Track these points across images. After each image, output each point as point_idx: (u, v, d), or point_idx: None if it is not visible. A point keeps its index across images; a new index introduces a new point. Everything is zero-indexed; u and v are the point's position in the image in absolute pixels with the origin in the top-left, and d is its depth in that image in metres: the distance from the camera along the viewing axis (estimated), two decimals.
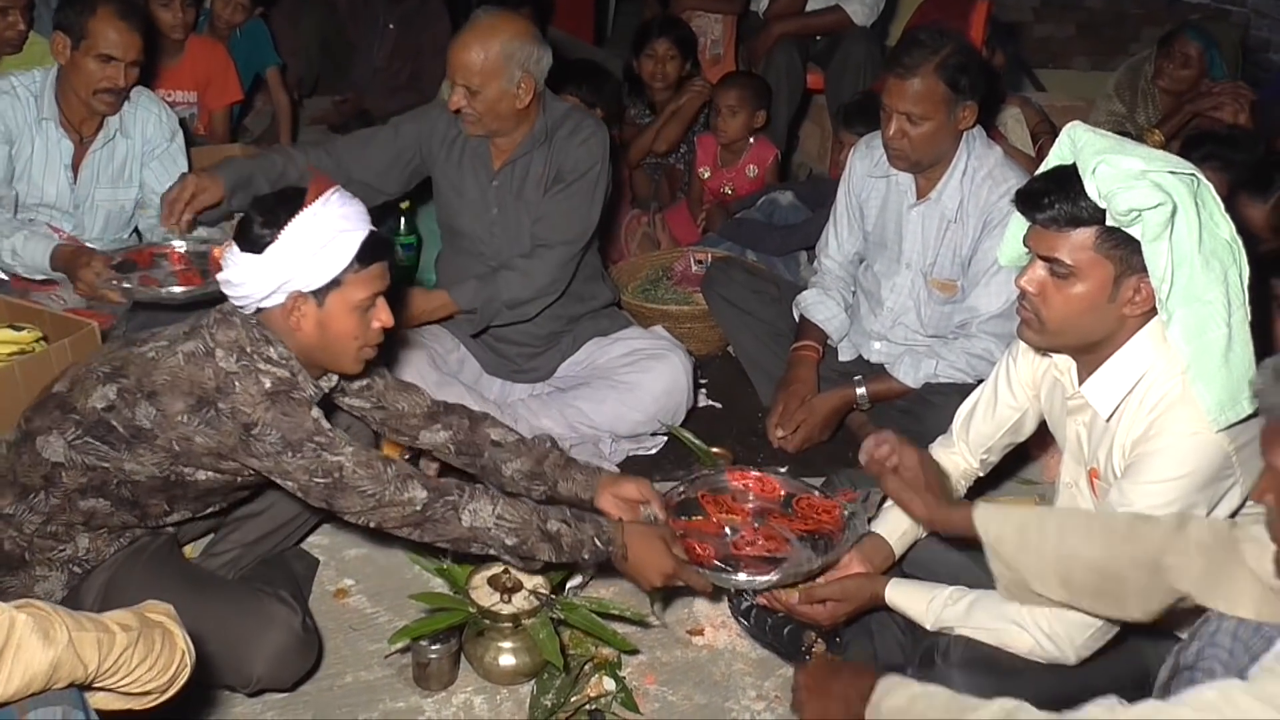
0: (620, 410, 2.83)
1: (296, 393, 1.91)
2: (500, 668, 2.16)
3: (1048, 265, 1.79)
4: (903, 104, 2.63)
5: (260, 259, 1.85)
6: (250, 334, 1.91)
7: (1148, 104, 4.21)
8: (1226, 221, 1.74)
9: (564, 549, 2.00)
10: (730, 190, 4.11)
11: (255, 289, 1.87)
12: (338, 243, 1.86)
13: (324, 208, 1.86)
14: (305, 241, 1.84)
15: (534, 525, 1.98)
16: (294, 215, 1.85)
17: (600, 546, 2.04)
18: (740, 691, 2.23)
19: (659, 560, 2.07)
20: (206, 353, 1.88)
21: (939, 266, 2.83)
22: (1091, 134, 1.77)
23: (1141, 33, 6.49)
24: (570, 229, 2.83)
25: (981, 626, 1.87)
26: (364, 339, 1.97)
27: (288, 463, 1.86)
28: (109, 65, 2.78)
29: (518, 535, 1.97)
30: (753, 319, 3.19)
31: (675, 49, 4.22)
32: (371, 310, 1.95)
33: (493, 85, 2.66)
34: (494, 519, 1.96)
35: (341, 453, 1.88)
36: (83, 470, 1.89)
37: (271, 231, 1.84)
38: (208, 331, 1.91)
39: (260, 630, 1.98)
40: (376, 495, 1.90)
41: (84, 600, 1.98)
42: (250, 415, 1.84)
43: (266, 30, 4.66)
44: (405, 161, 2.87)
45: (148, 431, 1.85)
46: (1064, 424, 2.00)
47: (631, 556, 2.06)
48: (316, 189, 1.89)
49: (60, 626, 1.27)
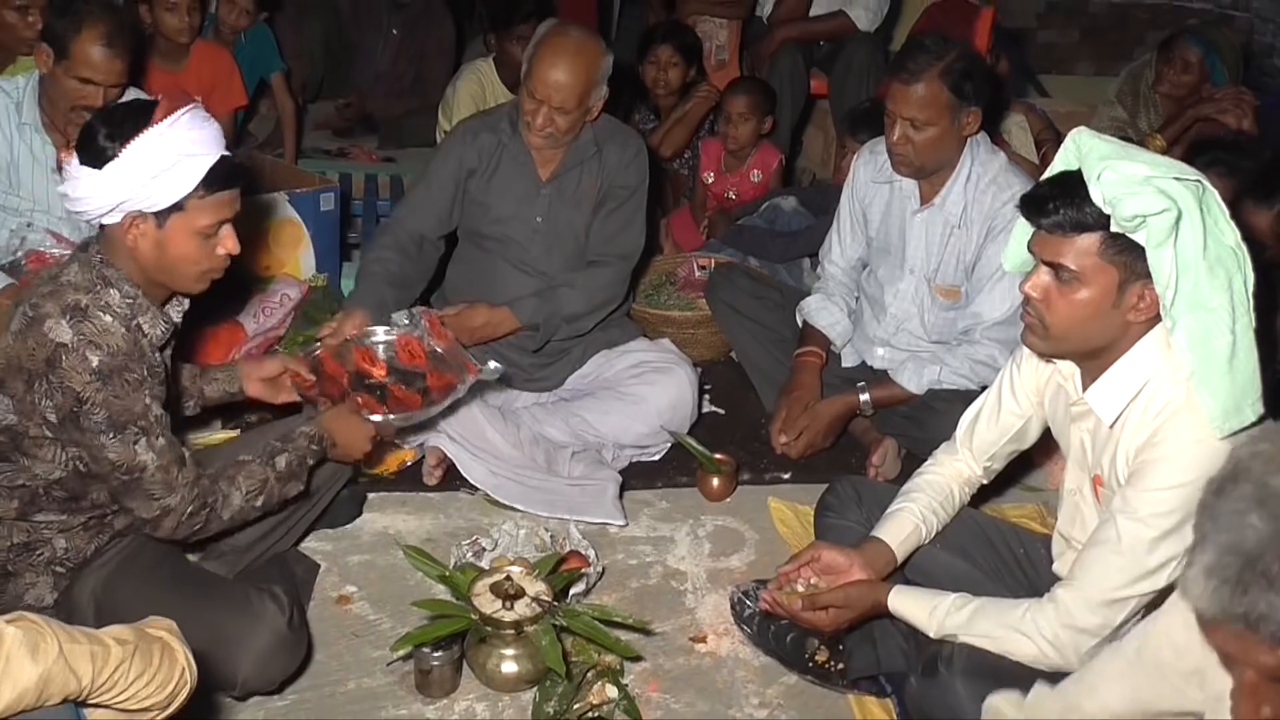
0: (625, 422, 2.83)
1: (130, 369, 1.84)
2: (503, 675, 2.15)
3: (1052, 271, 1.78)
4: (907, 109, 2.62)
5: (99, 174, 1.79)
6: (89, 277, 1.86)
7: (1149, 109, 4.21)
8: (1231, 228, 1.74)
9: (297, 470, 2.11)
10: (734, 195, 4.11)
11: (92, 205, 1.82)
12: (182, 166, 1.81)
13: (170, 128, 1.80)
14: (147, 162, 1.78)
15: (269, 479, 2.06)
16: (139, 132, 1.78)
17: (316, 447, 2.16)
18: (743, 699, 2.22)
19: (358, 429, 2.23)
20: (36, 321, 1.80)
21: (943, 272, 2.82)
22: (1096, 140, 1.76)
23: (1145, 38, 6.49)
24: (627, 244, 2.94)
25: (985, 634, 1.86)
26: (206, 264, 1.93)
27: (106, 444, 1.83)
28: (87, 86, 2.73)
29: (263, 495, 2.05)
30: (756, 325, 3.18)
31: (678, 55, 4.22)
32: (215, 237, 1.91)
33: (582, 105, 2.70)
34: (243, 499, 2.02)
35: (153, 450, 1.87)
36: (8, 494, 1.89)
37: (113, 146, 1.78)
38: (39, 297, 1.83)
39: (247, 628, 1.96)
40: (160, 502, 1.91)
41: (79, 601, 1.98)
42: (80, 393, 1.79)
43: (271, 35, 4.66)
44: (452, 197, 2.89)
45: (17, 426, 1.83)
46: (1068, 430, 1.99)
47: (339, 438, 2.20)
48: (167, 105, 1.80)
49: (51, 639, 1.25)
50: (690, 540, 2.71)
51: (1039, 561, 2.16)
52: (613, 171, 2.86)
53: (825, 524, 2.32)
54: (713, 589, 2.53)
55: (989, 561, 2.19)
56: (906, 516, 2.12)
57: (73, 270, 1.88)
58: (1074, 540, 2.00)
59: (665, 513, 2.82)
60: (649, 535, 2.71)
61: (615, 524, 2.69)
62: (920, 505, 2.13)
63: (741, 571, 2.60)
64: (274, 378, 2.38)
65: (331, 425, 2.20)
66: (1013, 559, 2.20)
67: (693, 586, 2.54)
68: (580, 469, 2.79)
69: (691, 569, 2.60)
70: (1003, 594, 2.04)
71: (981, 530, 2.23)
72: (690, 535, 2.73)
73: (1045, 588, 1.90)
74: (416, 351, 2.54)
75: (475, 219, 2.91)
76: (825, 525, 2.32)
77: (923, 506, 2.12)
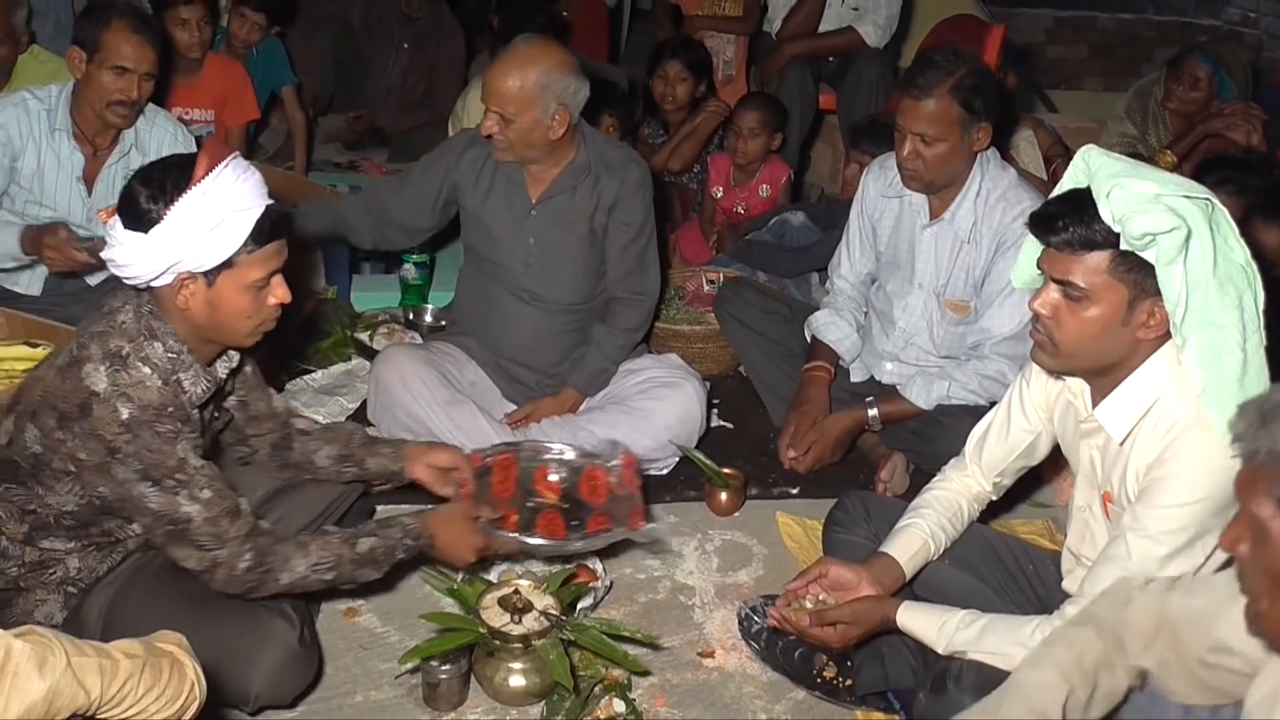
0: (633, 437, 2.83)
1: (162, 423, 1.80)
2: (510, 688, 2.15)
3: (1061, 288, 1.78)
4: (917, 125, 2.63)
5: (145, 239, 1.72)
6: (141, 326, 1.82)
7: (1158, 126, 4.21)
8: (1241, 246, 1.74)
9: (379, 560, 2.06)
10: (743, 210, 4.12)
11: (141, 269, 1.76)
12: (230, 222, 1.75)
13: (215, 183, 1.73)
14: (194, 222, 1.72)
15: (346, 558, 2.01)
16: (183, 191, 1.72)
17: (412, 543, 2.09)
18: (751, 715, 2.21)
19: (466, 538, 2.13)
20: (77, 363, 1.78)
21: (952, 287, 2.82)
22: (1106, 157, 1.77)
23: (1154, 54, 6.50)
24: (653, 278, 3.00)
25: (994, 651, 1.85)
26: (259, 317, 1.88)
27: (145, 494, 1.80)
28: (122, 77, 2.80)
29: (335, 571, 2.00)
30: (765, 339, 3.19)
31: (687, 71, 4.23)
32: (267, 288, 1.86)
33: (527, 114, 2.66)
34: (309, 568, 1.97)
35: (197, 503, 1.83)
36: (19, 517, 1.88)
37: (158, 208, 1.72)
38: (86, 338, 1.81)
39: (258, 646, 1.95)
40: (211, 555, 1.88)
41: (87, 617, 1.97)
42: (112, 442, 1.76)
43: (283, 49, 4.69)
44: (434, 199, 2.90)
45: (42, 456, 1.80)
46: (1077, 447, 1.99)
47: (440, 542, 2.12)
48: (208, 160, 1.74)
49: (59, 653, 1.25)
50: (698, 555, 2.71)
51: (1048, 578, 2.15)
52: (609, 197, 2.84)
53: (833, 539, 2.32)
54: (721, 604, 2.52)
55: (998, 578, 2.19)
56: (915, 532, 2.11)
57: (126, 312, 1.84)
58: (1083, 557, 1.99)
59: (673, 527, 2.82)
60: (657, 550, 2.71)
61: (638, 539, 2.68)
62: (929, 521, 2.12)
63: (749, 586, 2.60)
64: (443, 469, 2.29)
65: (438, 528, 2.11)
66: (1022, 575, 2.20)
67: (700, 601, 2.54)
68: None
69: (699, 584, 2.60)
70: (1012, 610, 2.03)
71: (990, 546, 2.23)
72: (698, 550, 2.73)
73: (1054, 605, 1.89)
74: (600, 489, 2.33)
75: (474, 235, 2.93)
76: (833, 540, 2.32)
77: (931, 522, 2.12)
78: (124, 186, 1.80)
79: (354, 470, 2.29)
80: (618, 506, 2.26)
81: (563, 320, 2.94)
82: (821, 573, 2.08)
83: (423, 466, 2.29)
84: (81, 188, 2.95)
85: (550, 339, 2.95)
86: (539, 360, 2.97)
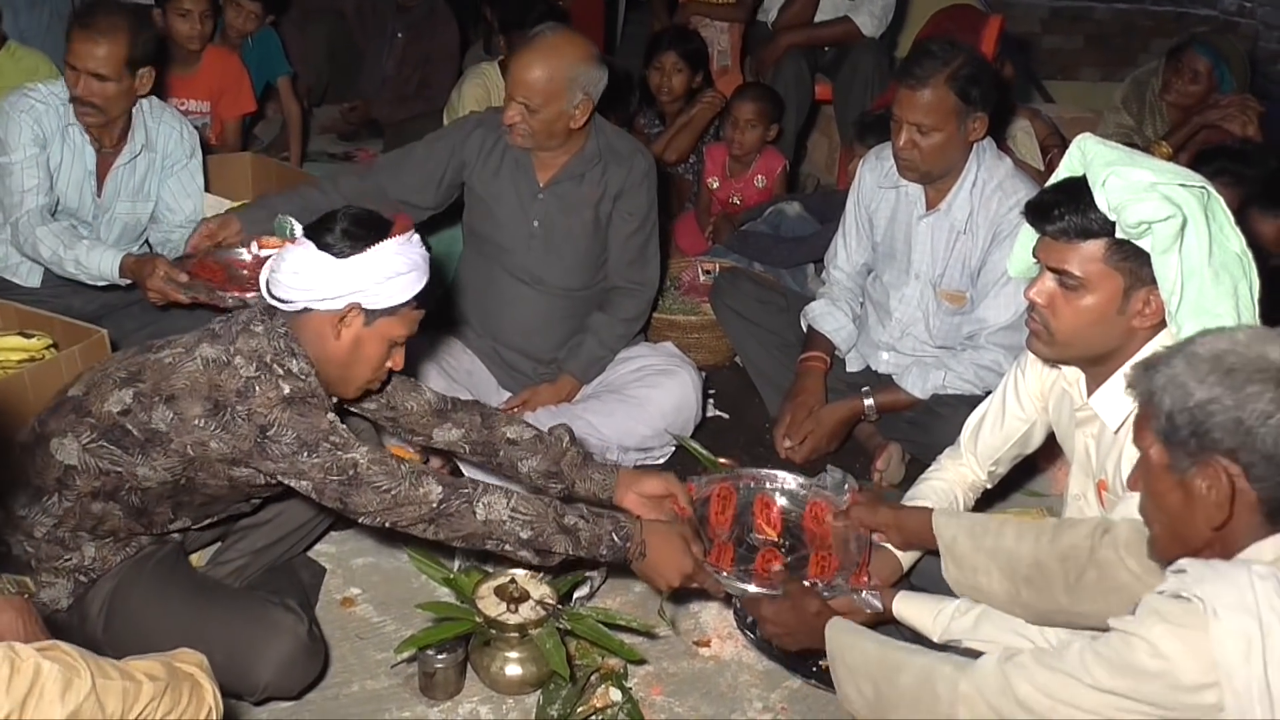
0: (629, 424, 2.84)
1: (313, 398, 1.92)
2: (506, 677, 2.16)
3: (1057, 277, 1.79)
4: (913, 115, 2.63)
5: (341, 263, 1.88)
6: (274, 344, 1.92)
7: (1155, 117, 4.20)
8: (1237, 234, 1.74)
9: (581, 543, 1.99)
10: (739, 200, 4.11)
11: (322, 290, 1.89)
12: (410, 278, 1.93)
13: (409, 243, 1.94)
14: (389, 264, 1.90)
15: (550, 518, 1.97)
16: (384, 237, 1.91)
17: (618, 542, 2.02)
18: (746, 703, 2.22)
19: (678, 560, 2.05)
20: (226, 360, 1.89)
21: (948, 277, 2.82)
22: (1101, 146, 1.77)
23: (1150, 44, 6.49)
24: (650, 271, 3.01)
25: (989, 639, 1.86)
26: (379, 373, 2.03)
27: (303, 463, 1.87)
28: (73, 74, 2.77)
29: (532, 528, 1.95)
30: (760, 329, 3.19)
31: (683, 62, 4.22)
32: (397, 350, 2.01)
33: (552, 105, 2.68)
34: (509, 511, 1.94)
35: (356, 450, 1.89)
36: (96, 474, 1.89)
37: (358, 244, 1.89)
38: (228, 339, 1.92)
39: (266, 639, 1.98)
40: (393, 492, 1.90)
41: (90, 609, 1.98)
42: (266, 417, 1.85)
43: (278, 39, 4.68)
44: (439, 177, 2.88)
45: (163, 435, 1.86)
46: (1072, 436, 2.00)
47: (650, 555, 2.04)
48: (403, 224, 1.95)
49: (85, 675, 1.25)
50: None
51: None
52: (615, 186, 2.85)
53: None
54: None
55: None
56: None
57: (258, 327, 1.93)
58: None
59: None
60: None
61: None
62: None
63: None
64: (655, 497, 2.23)
65: (654, 539, 2.05)
66: None
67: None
68: None
69: None
70: None
71: None
72: None
73: None
74: (824, 524, 2.25)
75: (477, 216, 2.93)
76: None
77: None
78: (324, 216, 1.95)
79: (560, 488, 2.25)
80: (842, 551, 2.16)
81: (562, 305, 2.94)
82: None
83: (633, 496, 2.22)
84: (92, 183, 2.94)
85: (548, 323, 2.95)
86: (536, 346, 2.96)
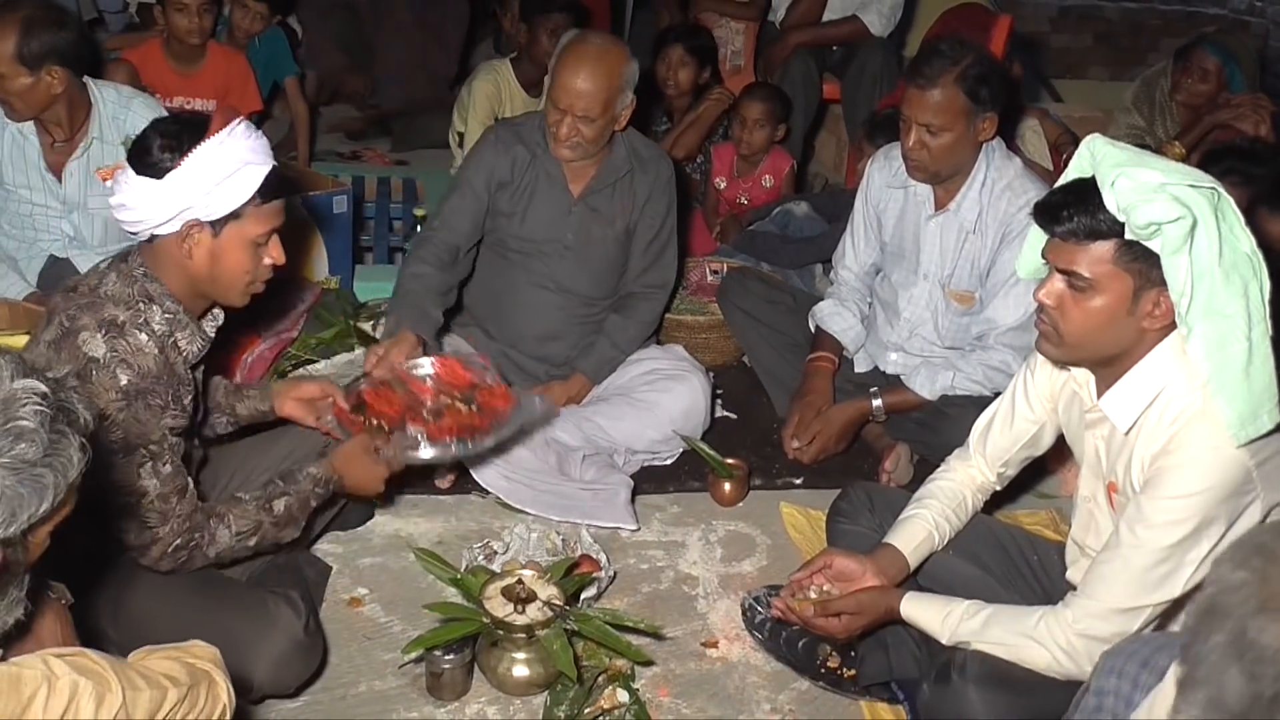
0: (638, 428, 2.84)
1: (156, 394, 1.85)
2: (514, 679, 2.16)
3: (1066, 278, 1.78)
4: (922, 115, 2.62)
5: (159, 184, 1.82)
6: (135, 289, 1.88)
7: (1166, 117, 4.18)
8: (1247, 234, 1.73)
9: (297, 516, 2.11)
10: (746, 200, 4.11)
11: (150, 215, 1.84)
12: (242, 174, 1.85)
13: (230, 137, 1.84)
14: (209, 170, 1.82)
15: (265, 523, 2.05)
16: (198, 142, 1.82)
17: (322, 490, 2.15)
18: (754, 705, 2.22)
19: (367, 468, 2.20)
20: (68, 334, 1.82)
21: (957, 278, 2.82)
22: (1111, 147, 1.76)
23: (1160, 43, 6.48)
24: (666, 275, 3.03)
25: (998, 641, 1.85)
26: (254, 274, 1.97)
27: (113, 464, 1.83)
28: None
29: (256, 536, 2.04)
30: (768, 329, 3.18)
31: (690, 56, 4.19)
32: (264, 246, 1.95)
33: (608, 113, 2.70)
34: (233, 539, 2.01)
35: (158, 475, 1.88)
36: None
37: (173, 156, 1.81)
38: (74, 304, 1.85)
39: (263, 634, 1.97)
40: (152, 532, 1.91)
41: (93, 600, 1.97)
42: (104, 408, 1.80)
43: (285, 39, 4.68)
44: (485, 206, 2.88)
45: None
46: (1082, 437, 1.99)
47: (347, 481, 2.19)
48: (221, 119, 1.85)
49: (116, 689, 1.26)
50: (702, 545, 2.71)
51: (1052, 569, 2.15)
52: (643, 195, 2.88)
53: (837, 529, 2.32)
54: (724, 594, 2.53)
55: (1002, 568, 2.19)
56: (919, 523, 2.11)
57: (111, 281, 1.90)
58: (1088, 548, 1.99)
59: (677, 517, 2.82)
60: (660, 540, 2.71)
61: (627, 528, 2.69)
62: (933, 512, 2.12)
63: (753, 577, 2.60)
64: (311, 400, 2.34)
65: (342, 467, 2.19)
66: (1026, 566, 2.19)
67: (704, 591, 2.54)
68: (592, 473, 2.79)
69: (703, 574, 2.60)
70: (1016, 601, 2.03)
71: (995, 537, 2.23)
72: (702, 540, 2.73)
73: (1059, 595, 1.89)
74: (458, 372, 2.40)
75: (502, 229, 2.90)
76: (837, 531, 2.31)
77: (935, 513, 2.12)
78: (137, 136, 1.89)
79: (226, 419, 2.31)
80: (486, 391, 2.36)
81: (583, 312, 2.96)
82: (826, 563, 2.08)
83: (291, 402, 2.32)
84: (48, 175, 2.93)
85: (568, 329, 2.96)
86: (553, 350, 2.97)
